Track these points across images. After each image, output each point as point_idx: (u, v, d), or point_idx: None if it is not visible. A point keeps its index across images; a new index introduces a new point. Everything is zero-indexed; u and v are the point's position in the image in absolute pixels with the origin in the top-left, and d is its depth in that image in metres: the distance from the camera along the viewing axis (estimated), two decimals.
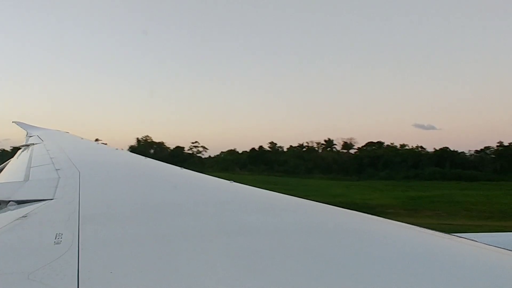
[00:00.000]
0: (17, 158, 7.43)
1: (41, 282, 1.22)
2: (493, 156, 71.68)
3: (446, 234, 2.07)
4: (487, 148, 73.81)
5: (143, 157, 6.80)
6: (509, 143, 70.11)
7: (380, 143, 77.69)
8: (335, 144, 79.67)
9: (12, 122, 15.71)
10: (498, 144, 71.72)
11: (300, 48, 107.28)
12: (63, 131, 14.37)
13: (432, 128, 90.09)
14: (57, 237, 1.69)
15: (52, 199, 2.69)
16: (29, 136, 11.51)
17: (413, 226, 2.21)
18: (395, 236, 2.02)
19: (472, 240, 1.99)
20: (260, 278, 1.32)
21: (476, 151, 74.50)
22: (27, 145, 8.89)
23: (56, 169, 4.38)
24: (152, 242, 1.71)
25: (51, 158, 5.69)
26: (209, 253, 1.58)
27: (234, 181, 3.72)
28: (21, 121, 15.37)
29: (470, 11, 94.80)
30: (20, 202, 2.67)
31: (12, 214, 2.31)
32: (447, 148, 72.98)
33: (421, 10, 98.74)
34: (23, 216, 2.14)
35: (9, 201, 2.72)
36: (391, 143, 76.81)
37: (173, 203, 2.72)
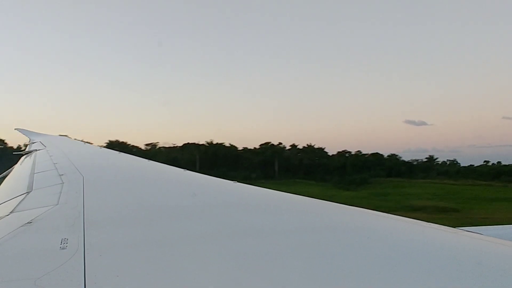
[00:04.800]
0: (21, 164, 7.45)
1: (48, 287, 1.23)
2: None
3: (451, 228, 2.06)
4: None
5: (146, 160, 6.80)
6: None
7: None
8: None
9: (15, 129, 15.78)
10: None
11: (291, 46, 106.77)
12: (65, 137, 14.44)
13: (423, 124, 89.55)
14: (62, 242, 1.69)
15: (56, 205, 2.70)
16: (31, 142, 11.55)
17: (417, 221, 2.21)
18: (401, 231, 2.02)
19: (477, 233, 1.99)
20: (268, 277, 1.32)
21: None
22: (30, 152, 8.93)
23: (60, 175, 4.39)
24: (158, 245, 1.70)
25: (54, 163, 5.71)
26: (216, 254, 1.57)
27: (237, 181, 3.73)
28: (23, 128, 15.44)
29: (459, 10, 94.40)
30: (26, 209, 2.68)
31: (18, 220, 2.32)
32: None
33: (411, 8, 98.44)
34: (28, 222, 2.14)
35: (14, 208, 2.73)
36: None
37: (178, 205, 2.73)
